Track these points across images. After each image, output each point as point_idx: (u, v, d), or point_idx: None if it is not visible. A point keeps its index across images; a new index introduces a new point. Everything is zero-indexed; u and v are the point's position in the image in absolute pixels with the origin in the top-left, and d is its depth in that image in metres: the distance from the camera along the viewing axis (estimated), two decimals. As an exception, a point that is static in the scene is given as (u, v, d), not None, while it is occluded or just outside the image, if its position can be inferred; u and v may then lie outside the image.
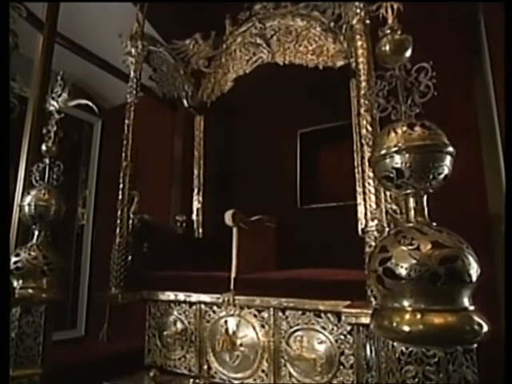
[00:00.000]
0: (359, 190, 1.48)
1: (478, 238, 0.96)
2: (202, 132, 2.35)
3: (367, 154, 1.26)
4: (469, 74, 1.95)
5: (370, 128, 1.29)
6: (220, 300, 1.53)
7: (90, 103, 2.27)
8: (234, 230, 1.55)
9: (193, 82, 2.29)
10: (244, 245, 1.58)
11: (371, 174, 1.25)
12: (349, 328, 1.33)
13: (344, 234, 1.63)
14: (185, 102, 2.29)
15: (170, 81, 2.17)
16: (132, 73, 1.90)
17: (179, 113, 2.82)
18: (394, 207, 1.29)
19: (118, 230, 1.73)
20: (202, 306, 1.64)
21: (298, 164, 2.23)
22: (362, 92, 1.33)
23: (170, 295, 1.69)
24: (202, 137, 2.34)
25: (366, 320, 1.16)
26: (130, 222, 1.76)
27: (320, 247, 1.93)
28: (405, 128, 0.94)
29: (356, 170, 1.53)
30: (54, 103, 1.58)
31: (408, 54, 1.01)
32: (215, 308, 1.61)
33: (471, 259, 0.85)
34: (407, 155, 0.91)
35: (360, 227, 1.49)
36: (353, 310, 1.21)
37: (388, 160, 0.94)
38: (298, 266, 1.77)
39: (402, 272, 0.85)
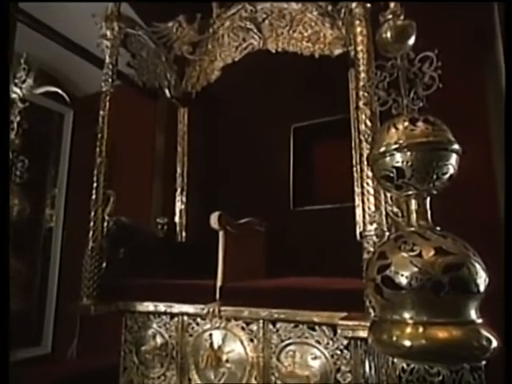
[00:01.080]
0: (357, 190, 1.48)
1: (487, 244, 0.97)
2: (186, 126, 2.33)
3: (366, 152, 1.26)
4: (478, 65, 1.96)
5: (369, 123, 1.29)
6: (204, 311, 1.53)
7: (60, 91, 2.22)
8: (221, 234, 1.55)
9: (176, 69, 2.27)
10: (231, 250, 1.59)
11: (370, 174, 1.26)
12: (346, 342, 1.33)
13: (341, 239, 1.63)
14: (167, 92, 2.27)
15: (151, 68, 2.15)
16: (107, 58, 1.86)
17: (161, 104, 2.79)
18: (395, 210, 1.29)
19: (91, 233, 1.71)
20: (185, 318, 1.63)
21: (290, 162, 2.23)
22: (361, 83, 1.34)
23: (149, 306, 1.67)
24: (185, 131, 2.32)
25: (364, 333, 1.15)
26: (105, 224, 1.74)
27: (314, 253, 1.94)
28: (406, 123, 0.94)
29: (354, 169, 1.54)
30: (17, 90, 1.53)
31: (411, 41, 1.02)
32: (199, 320, 1.61)
33: (478, 267, 0.85)
34: (409, 153, 0.91)
35: (358, 231, 1.50)
36: (350, 323, 1.21)
37: (388, 158, 0.94)
38: (290, 274, 1.78)
39: (403, 281, 0.85)
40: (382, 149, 0.95)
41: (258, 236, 1.98)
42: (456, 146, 0.93)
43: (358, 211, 1.50)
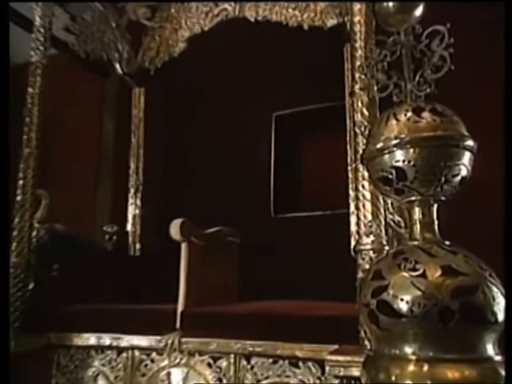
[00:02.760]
0: (352, 194, 1.50)
1: (499, 260, 0.99)
2: (143, 110, 2.32)
3: (363, 147, 1.27)
4: (498, 43, 2.01)
5: (366, 112, 1.30)
6: (161, 344, 1.52)
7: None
8: (183, 247, 1.56)
9: (129, 39, 2.26)
10: (196, 266, 1.59)
11: (367, 174, 1.26)
12: (336, 382, 1.34)
13: (332, 254, 1.65)
14: (118, 67, 2.26)
15: (96, 35, 2.11)
16: (37, 20, 1.79)
17: (110, 82, 2.76)
18: (397, 219, 1.31)
19: (14, 245, 1.66)
20: (136, 353, 1.61)
21: (271, 159, 2.24)
22: (358, 63, 1.35)
23: (91, 338, 1.64)
24: (141, 117, 2.32)
25: (358, 371, 1.16)
26: (34, 233, 1.71)
27: (299, 271, 1.95)
28: (409, 114, 0.94)
29: (349, 168, 1.55)
30: None
31: (418, 12, 1.02)
32: (154, 355, 1.59)
33: (496, 291, 0.85)
34: (411, 150, 0.91)
35: (353, 244, 1.51)
36: (341, 358, 1.21)
37: (386, 156, 0.93)
38: (269, 296, 1.78)
39: (403, 307, 0.84)
40: (380, 144, 0.94)
41: (230, 249, 1.99)
42: (470, 143, 0.94)
43: (353, 220, 1.51)
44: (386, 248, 1.26)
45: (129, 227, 2.28)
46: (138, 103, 2.35)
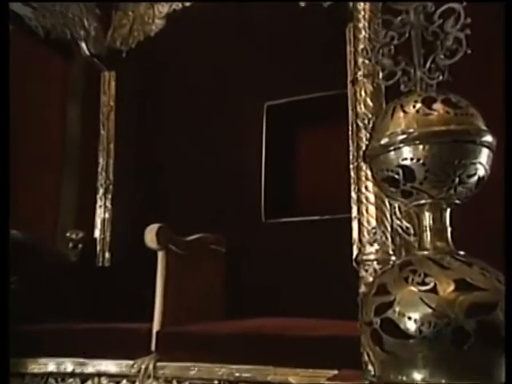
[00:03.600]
0: (354, 197, 1.50)
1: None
2: (114, 98, 2.33)
3: (366, 143, 1.28)
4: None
5: (370, 103, 1.31)
6: (133, 370, 1.51)
7: None
8: (160, 256, 1.57)
9: (98, 15, 2.26)
10: (175, 279, 1.60)
11: (371, 174, 1.28)
12: (334, 412, 1.35)
13: (330, 264, 1.66)
14: (84, 47, 2.26)
15: (58, 10, 2.11)
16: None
17: (75, 65, 2.74)
18: (406, 225, 1.31)
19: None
20: (104, 381, 1.60)
21: (262, 155, 2.24)
22: (361, 46, 1.36)
23: (49, 364, 1.63)
24: (112, 106, 2.33)
25: (359, 400, 1.17)
26: (-15, 241, 1.69)
27: (294, 283, 1.96)
28: (419, 105, 0.94)
29: (351, 167, 1.55)
30: None
31: (430, -12, 1.03)
32: (125, 383, 1.58)
33: (516, 309, 0.86)
34: (421, 147, 0.92)
35: (355, 254, 1.52)
36: (340, 385, 1.22)
37: (392, 154, 0.94)
38: (259, 313, 1.79)
39: (411, 326, 0.85)
40: (385, 140, 0.95)
41: (215, 258, 2.00)
42: (488, 138, 0.95)
43: (355, 226, 1.52)
44: (393, 258, 1.26)
45: (97, 233, 2.28)
46: (107, 89, 2.35)
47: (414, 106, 0.96)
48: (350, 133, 1.59)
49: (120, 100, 2.39)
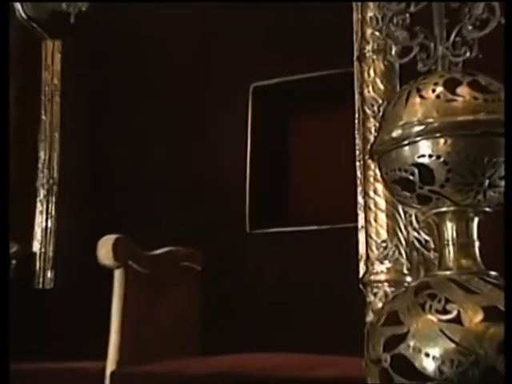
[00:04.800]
0: (361, 201, 1.50)
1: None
2: (59, 75, 2.32)
3: (375, 135, 1.28)
4: None
5: (380, 85, 1.32)
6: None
7: None
8: (117, 275, 1.57)
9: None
10: (136, 304, 1.60)
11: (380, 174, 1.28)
12: None
13: (331, 286, 1.66)
14: (19, 8, 2.24)
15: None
16: None
17: (10, 31, 2.73)
18: (425, 237, 1.32)
19: None
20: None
21: (247, 150, 2.25)
22: (370, 14, 1.36)
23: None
24: (57, 85, 2.32)
25: None
26: None
27: (285, 310, 1.96)
28: (440, 88, 0.94)
29: (357, 165, 1.55)
30: None
31: None
32: None
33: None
34: (442, 141, 0.92)
35: (361, 273, 1.52)
36: None
37: (406, 149, 0.94)
38: (241, 346, 1.78)
39: (428, 365, 0.85)
40: (397, 132, 0.95)
41: (188, 278, 2.00)
42: (526, 130, 0.95)
43: (361, 238, 1.52)
44: (408, 279, 1.27)
45: (36, 246, 2.26)
46: (51, 64, 2.33)
47: (434, 90, 0.95)
48: (355, 122, 1.59)
49: (67, 77, 2.36)
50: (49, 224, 2.29)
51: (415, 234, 1.33)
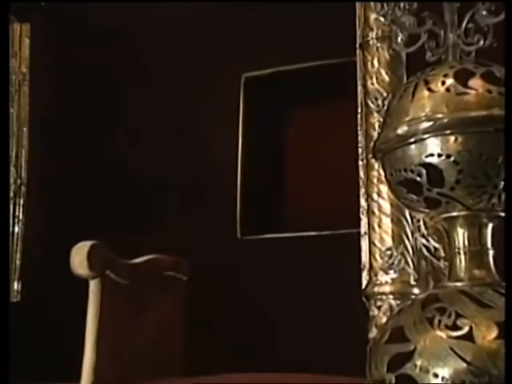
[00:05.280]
0: (364, 205, 1.50)
1: None
2: (27, 62, 2.32)
3: (379, 131, 1.28)
4: None
5: (385, 76, 1.32)
6: None
7: None
8: (93, 286, 1.55)
9: None
10: (114, 319, 1.59)
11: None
12: None
13: (330, 298, 1.66)
14: None
15: None
16: None
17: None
18: (434, 245, 1.32)
19: None
20: None
21: (239, 148, 2.25)
22: (375, -5, 1.37)
23: None
24: (26, 73, 2.32)
25: None
26: None
27: (278, 322, 1.97)
28: (451, 80, 0.94)
29: (360, 164, 1.55)
30: None
31: None
32: None
33: None
34: (452, 138, 0.92)
35: (363, 284, 1.52)
36: None
37: (412, 148, 0.95)
38: (231, 364, 1.77)
39: (438, 387, 0.86)
40: (402, 129, 0.95)
41: (172, 289, 1.99)
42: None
43: (364, 245, 1.52)
44: (415, 291, 1.27)
45: None
46: (18, 50, 2.32)
47: (444, 83, 0.95)
48: (358, 117, 1.59)
49: (37, 66, 2.36)
50: (16, 229, 2.28)
51: (423, 241, 1.33)
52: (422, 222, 1.32)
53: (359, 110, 1.58)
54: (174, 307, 1.99)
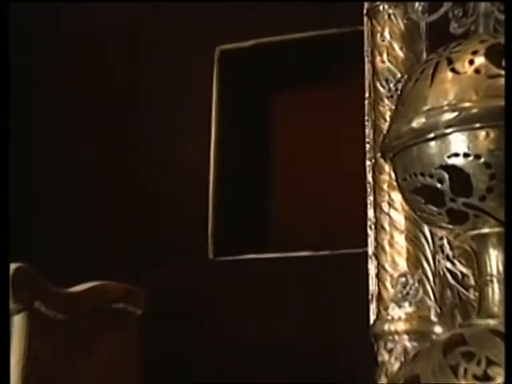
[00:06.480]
0: (371, 218, 1.50)
1: None
2: None
3: (389, 123, 1.28)
4: None
5: (399, 52, 1.33)
6: None
7: None
8: (18, 322, 1.56)
9: None
10: (46, 364, 1.60)
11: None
12: None
13: (327, 336, 1.66)
14: None
15: None
16: None
17: None
18: (462, 269, 1.33)
19: None
20: None
21: (211, 144, 2.29)
22: None
23: None
24: None
25: None
26: None
27: (259, 367, 1.99)
28: (480, 59, 0.95)
29: (367, 165, 1.56)
30: None
31: None
32: None
33: None
34: (483, 134, 0.93)
35: (371, 320, 1.52)
36: None
37: (431, 145, 0.95)
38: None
39: None
40: (419, 121, 0.96)
41: (123, 326, 2.00)
42: None
43: (372, 268, 1.52)
44: (436, 330, 1.28)
45: None
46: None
47: (472, 62, 0.96)
48: (365, 104, 1.59)
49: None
50: None
51: (447, 264, 1.33)
52: (445, 241, 1.32)
53: (367, 95, 1.58)
54: (124, 348, 1.99)
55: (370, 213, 1.51)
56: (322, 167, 1.98)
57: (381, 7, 1.39)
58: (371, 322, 1.47)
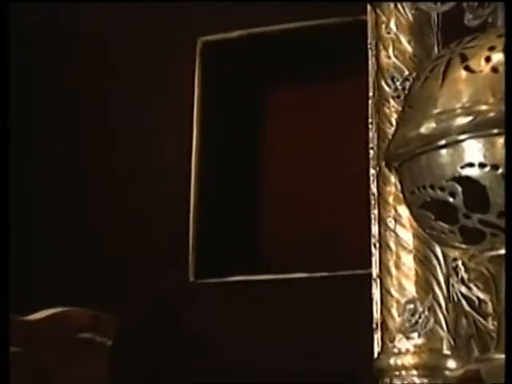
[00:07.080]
0: (376, 235, 1.50)
1: None
2: None
3: (395, 128, 1.28)
4: None
5: (407, 45, 1.34)
6: None
7: None
8: None
9: None
10: None
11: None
12: None
13: (326, 370, 1.66)
14: None
15: None
16: None
17: None
18: (479, 295, 1.33)
19: None
20: None
21: (193, 147, 2.30)
22: None
23: None
24: None
25: None
26: None
27: None
28: (499, 56, 0.96)
29: (371, 173, 1.56)
30: None
31: None
32: None
33: None
34: (501, 142, 0.93)
35: (375, 352, 1.52)
36: None
37: (442, 153, 0.96)
38: None
39: None
40: (428, 126, 0.97)
41: (90, 358, 1.98)
42: None
43: (376, 293, 1.52)
44: (449, 365, 1.27)
45: None
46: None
47: (489, 59, 0.97)
48: (368, 104, 1.60)
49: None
50: None
51: (462, 289, 1.33)
52: (460, 262, 1.33)
53: (370, 94, 1.59)
54: (92, 383, 1.98)
55: (374, 229, 1.51)
56: (320, 176, 1.98)
57: (387, -5, 1.39)
58: (375, 354, 1.47)
